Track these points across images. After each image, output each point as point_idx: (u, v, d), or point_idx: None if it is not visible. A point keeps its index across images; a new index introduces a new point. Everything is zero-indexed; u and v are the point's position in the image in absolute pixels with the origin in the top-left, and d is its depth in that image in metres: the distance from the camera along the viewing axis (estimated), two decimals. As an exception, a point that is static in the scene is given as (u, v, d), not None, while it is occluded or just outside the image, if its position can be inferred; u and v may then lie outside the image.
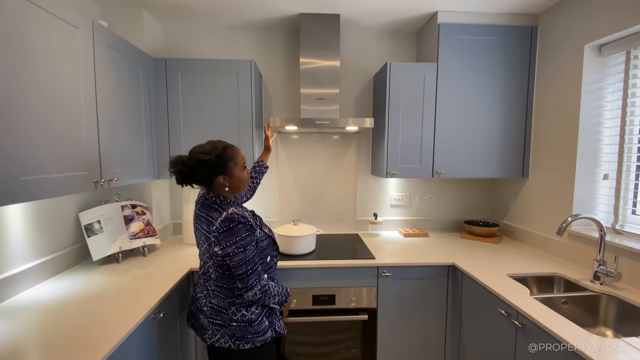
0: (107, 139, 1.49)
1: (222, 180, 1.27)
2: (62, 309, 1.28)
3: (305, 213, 2.46)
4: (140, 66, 1.80)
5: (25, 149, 1.06)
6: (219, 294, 1.28)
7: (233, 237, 1.18)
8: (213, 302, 1.28)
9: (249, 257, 1.21)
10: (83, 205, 1.80)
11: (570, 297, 1.51)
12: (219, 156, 1.25)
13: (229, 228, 1.18)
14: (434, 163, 2.11)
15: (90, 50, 1.37)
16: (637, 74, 1.65)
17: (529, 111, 2.12)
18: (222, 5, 1.96)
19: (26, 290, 1.43)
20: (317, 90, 2.10)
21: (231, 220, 1.19)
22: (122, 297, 1.40)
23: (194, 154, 1.26)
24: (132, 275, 1.65)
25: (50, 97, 1.17)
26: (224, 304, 1.26)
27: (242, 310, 1.26)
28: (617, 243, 1.56)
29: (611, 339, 1.10)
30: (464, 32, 2.05)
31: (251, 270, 1.21)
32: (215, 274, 1.28)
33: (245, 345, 1.25)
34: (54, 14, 1.17)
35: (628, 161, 1.69)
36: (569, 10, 1.85)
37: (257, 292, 1.23)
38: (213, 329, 1.27)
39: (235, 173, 1.29)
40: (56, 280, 1.56)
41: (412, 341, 1.91)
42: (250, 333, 1.25)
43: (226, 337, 1.25)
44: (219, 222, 1.20)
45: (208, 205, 1.28)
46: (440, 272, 1.87)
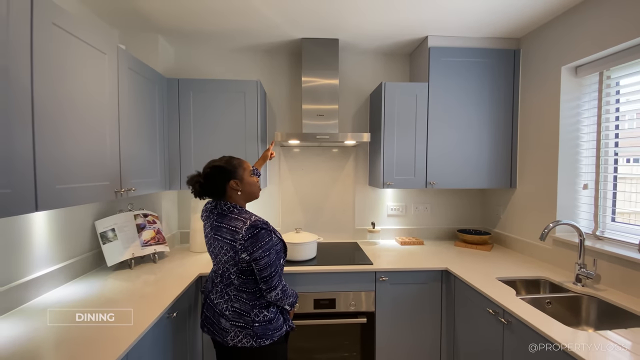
0: (126, 153, 1.63)
1: (234, 184, 1.37)
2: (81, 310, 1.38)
3: (306, 223, 2.58)
4: (156, 86, 1.96)
5: (61, 160, 1.19)
6: (241, 298, 1.35)
7: (259, 243, 1.28)
8: (236, 306, 1.35)
9: (273, 259, 1.32)
10: (99, 214, 1.92)
11: (553, 298, 1.62)
12: (228, 162, 1.41)
13: (254, 234, 1.28)
14: (427, 174, 2.25)
15: (115, 73, 1.53)
16: (610, 93, 1.82)
17: (514, 126, 2.28)
18: (230, 30, 2.15)
19: (48, 293, 1.54)
20: (318, 106, 2.26)
21: (255, 227, 1.29)
22: (136, 299, 1.50)
23: (207, 165, 1.42)
24: (144, 280, 1.76)
25: (82, 114, 1.31)
26: (246, 308, 1.34)
27: (263, 311, 1.36)
28: (597, 248, 1.69)
29: (591, 332, 1.21)
30: (453, 55, 2.23)
31: (274, 272, 1.33)
32: (238, 280, 1.35)
33: (266, 341, 1.35)
34: (86, 42, 1.33)
35: (605, 172, 1.84)
36: (547, 35, 2.03)
37: (279, 292, 1.34)
38: (235, 331, 1.34)
39: (245, 177, 1.41)
40: (74, 284, 1.66)
41: (409, 342, 2.00)
42: (270, 330, 1.36)
43: (248, 337, 1.33)
44: (244, 230, 1.28)
45: (225, 215, 1.36)
46: (434, 276, 1.99)
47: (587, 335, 1.19)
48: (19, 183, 1.01)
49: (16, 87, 1.00)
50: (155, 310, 1.37)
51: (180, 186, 2.15)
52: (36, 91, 1.07)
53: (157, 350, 1.38)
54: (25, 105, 1.03)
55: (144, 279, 1.77)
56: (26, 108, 1.04)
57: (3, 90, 0.96)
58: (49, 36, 1.13)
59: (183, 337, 1.68)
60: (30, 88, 1.05)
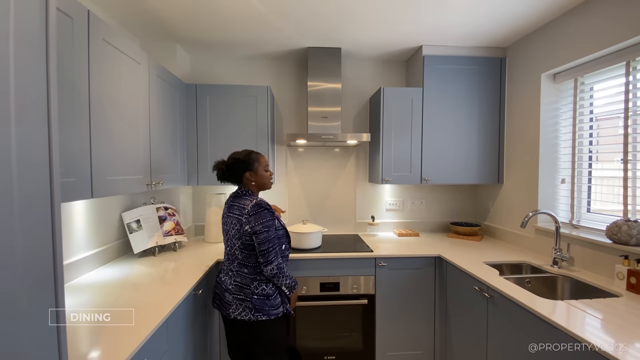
0: (155, 150, 1.84)
1: (249, 175, 1.62)
2: (118, 288, 1.58)
3: (311, 216, 2.79)
4: (177, 91, 2.18)
5: (109, 156, 1.40)
6: (242, 272, 1.56)
7: (261, 219, 1.51)
8: (237, 280, 1.56)
9: (271, 236, 1.53)
10: (125, 207, 2.12)
11: (532, 278, 1.84)
12: (247, 156, 1.65)
13: (258, 211, 1.52)
14: (422, 171, 2.47)
15: (147, 81, 1.74)
16: (584, 97, 2.04)
17: (501, 127, 2.51)
18: (243, 40, 2.36)
19: (85, 275, 1.74)
20: (322, 108, 2.48)
21: (259, 205, 1.54)
22: (163, 281, 1.70)
23: (230, 156, 1.67)
24: (164, 267, 1.95)
25: (123, 116, 1.52)
26: (246, 281, 1.54)
27: (262, 285, 1.55)
28: (572, 234, 1.91)
29: (558, 301, 1.43)
30: (445, 62, 2.46)
31: (271, 247, 1.53)
32: (241, 255, 1.55)
33: (262, 317, 1.53)
34: (127, 54, 1.54)
35: (579, 167, 2.06)
36: (529, 45, 2.26)
37: (275, 267, 1.54)
38: (236, 303, 1.53)
39: (259, 171, 1.65)
40: (106, 268, 1.86)
41: (406, 321, 2.21)
42: (267, 306, 1.54)
43: (247, 310, 1.52)
44: (250, 206, 1.53)
45: (239, 196, 1.62)
46: (429, 262, 2.20)
47: (558, 304, 1.41)
48: (80, 174, 1.22)
49: (78, 95, 1.21)
50: (185, 287, 1.57)
51: (198, 182, 2.35)
52: (92, 97, 1.28)
53: (188, 319, 1.59)
54: (84, 109, 1.24)
55: (166, 265, 1.97)
56: (84, 111, 1.24)
57: (70, 97, 1.16)
58: (101, 50, 1.34)
59: (205, 312, 1.89)
60: (88, 95, 1.26)
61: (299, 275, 2.13)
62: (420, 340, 2.23)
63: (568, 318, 1.27)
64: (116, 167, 1.46)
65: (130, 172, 1.59)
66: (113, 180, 1.43)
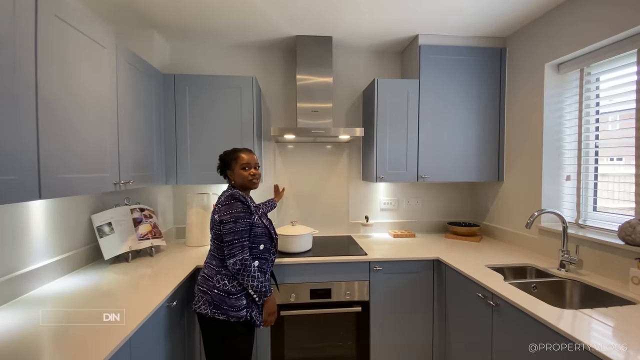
0: (125, 145, 1.65)
1: (229, 174, 1.62)
2: (80, 300, 1.39)
3: (301, 217, 2.62)
4: (152, 81, 1.99)
5: (62, 150, 1.21)
6: (210, 264, 1.50)
7: (230, 209, 1.46)
8: (205, 272, 1.52)
9: (239, 228, 1.44)
10: (95, 208, 1.93)
11: (539, 283, 1.71)
12: (227, 155, 1.64)
13: (229, 203, 1.48)
14: (418, 168, 2.32)
15: (114, 67, 1.55)
16: (590, 88, 1.91)
17: (501, 121, 2.37)
18: (226, 26, 2.18)
19: (45, 285, 1.54)
20: (312, 104, 2.31)
21: (232, 197, 1.49)
22: (134, 290, 1.52)
23: None
24: (139, 273, 1.77)
25: (82, 106, 1.33)
26: (211, 273, 1.48)
27: (225, 280, 1.45)
28: (579, 235, 1.78)
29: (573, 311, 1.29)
30: (442, 53, 2.31)
31: (237, 240, 1.43)
32: (212, 245, 1.52)
33: (220, 316, 1.42)
34: (87, 35, 1.35)
35: (586, 163, 1.93)
36: (531, 34, 2.13)
37: (238, 262, 1.41)
38: (199, 295, 1.48)
39: (235, 170, 1.59)
40: (71, 277, 1.67)
41: (403, 329, 2.06)
42: (226, 304, 1.42)
43: (206, 303, 1.44)
44: (224, 196, 1.52)
45: (225, 191, 1.58)
46: (426, 265, 2.06)
47: (572, 314, 1.27)
48: (23, 170, 1.03)
49: (21, 79, 1.02)
50: (157, 298, 1.39)
51: (177, 181, 2.17)
52: (40, 83, 1.09)
53: (159, 335, 1.41)
54: (29, 96, 1.05)
55: (142, 272, 1.79)
56: (30, 99, 1.06)
57: (10, 82, 0.98)
58: (53, 28, 1.15)
59: (181, 324, 1.71)
60: (35, 80, 1.07)
61: (287, 282, 1.96)
62: (417, 350, 2.08)
63: (589, 332, 1.12)
64: (74, 163, 1.28)
65: (93, 170, 1.40)
66: (69, 179, 1.25)
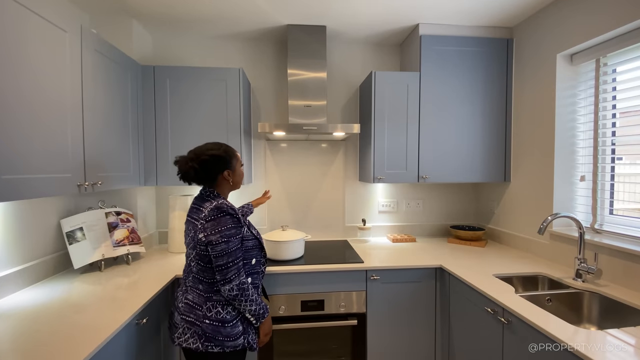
0: (92, 142, 1.48)
1: (227, 175, 1.34)
2: (41, 317, 1.23)
3: (294, 220, 2.46)
4: (129, 72, 1.82)
5: (8, 147, 1.05)
6: (196, 289, 1.25)
7: (219, 226, 1.20)
8: (189, 297, 1.25)
9: (232, 249, 1.21)
10: (65, 212, 1.76)
11: (554, 295, 1.54)
12: (226, 151, 1.35)
13: (217, 217, 1.21)
14: (419, 168, 2.15)
15: (77, 55, 1.38)
16: (607, 80, 1.75)
17: (508, 118, 2.20)
18: (212, 15, 2.01)
19: (3, 298, 1.38)
20: (305, 102, 2.14)
21: (220, 210, 1.22)
22: (103, 304, 1.35)
23: (202, 151, 1.31)
24: (114, 283, 1.60)
25: (36, 97, 1.16)
26: (199, 300, 1.23)
27: (217, 307, 1.22)
28: (596, 241, 1.61)
29: (597, 331, 1.12)
30: (444, 44, 2.14)
31: (232, 263, 1.21)
32: (196, 267, 1.26)
33: (214, 348, 1.20)
34: (42, 16, 1.19)
35: (602, 162, 1.77)
36: (540, 23, 1.96)
37: (235, 287, 1.21)
38: (184, 326, 1.22)
39: (237, 168, 1.38)
40: (35, 289, 1.50)
41: (402, 344, 1.90)
42: (221, 335, 1.21)
43: (195, 336, 1.20)
44: (208, 210, 1.23)
45: (202, 197, 1.32)
46: (428, 274, 1.89)
47: (598, 336, 1.10)
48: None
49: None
50: (122, 317, 1.22)
51: (157, 182, 2.00)
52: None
53: (126, 358, 1.24)
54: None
55: (115, 282, 1.62)
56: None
57: None
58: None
59: (157, 343, 1.53)
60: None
61: (276, 292, 1.79)
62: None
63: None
64: (23, 162, 1.11)
65: (51, 170, 1.23)
66: (17, 180, 1.08)
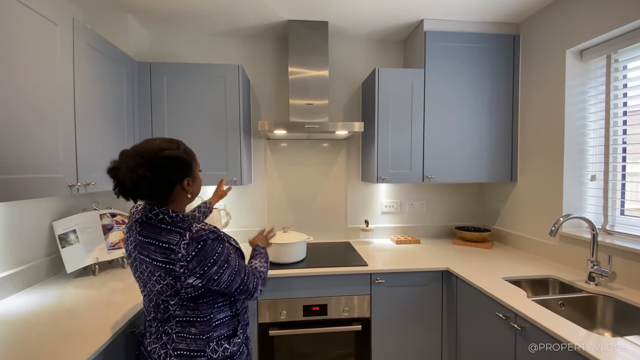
0: (85, 141, 1.42)
1: (186, 184, 1.01)
2: (31, 323, 1.17)
3: (295, 222, 2.39)
4: (124, 68, 1.75)
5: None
6: (188, 334, 1.00)
7: (210, 258, 0.94)
8: (181, 347, 0.99)
9: (236, 265, 1.02)
10: (58, 214, 1.69)
11: (566, 299, 1.48)
12: (186, 151, 1.02)
13: (200, 249, 0.93)
14: (424, 168, 2.10)
15: (69, 49, 1.32)
16: (619, 77, 1.69)
17: (515, 116, 2.15)
18: (208, 9, 1.95)
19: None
20: (306, 100, 2.08)
21: (199, 240, 0.93)
22: (97, 310, 1.29)
23: (153, 151, 0.95)
24: (109, 288, 1.54)
25: (25, 93, 1.10)
26: (198, 345, 1.00)
27: (224, 344, 1.04)
28: (609, 243, 1.56)
29: (615, 338, 1.06)
30: (450, 40, 2.08)
31: (245, 275, 1.04)
32: (181, 311, 0.99)
33: None
34: (32, 8, 1.12)
35: (614, 162, 1.71)
36: (548, 19, 1.91)
37: (260, 286, 1.10)
38: None
39: (196, 174, 1.07)
40: (26, 294, 1.44)
41: (408, 350, 1.84)
42: None
43: None
44: (183, 246, 0.92)
45: (153, 225, 0.97)
46: (434, 277, 1.83)
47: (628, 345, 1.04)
48: None
49: None
50: (117, 324, 1.16)
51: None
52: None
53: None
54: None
55: (110, 286, 1.56)
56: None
57: None
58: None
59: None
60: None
61: (277, 297, 1.73)
62: (424, 371, 1.85)
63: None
64: (11, 162, 1.04)
65: (40, 170, 1.17)
66: (4, 181, 1.01)
